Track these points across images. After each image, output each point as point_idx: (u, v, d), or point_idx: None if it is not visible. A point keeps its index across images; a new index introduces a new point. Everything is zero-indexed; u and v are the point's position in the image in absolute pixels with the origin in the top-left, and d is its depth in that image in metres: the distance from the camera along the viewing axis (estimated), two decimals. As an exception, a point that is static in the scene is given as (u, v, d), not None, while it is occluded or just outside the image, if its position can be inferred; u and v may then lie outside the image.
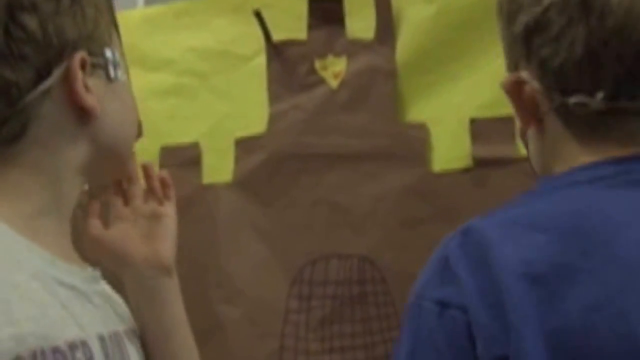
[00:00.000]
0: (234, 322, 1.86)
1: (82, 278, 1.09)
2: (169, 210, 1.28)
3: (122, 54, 1.16)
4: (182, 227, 1.28)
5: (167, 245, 1.24)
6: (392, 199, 1.81)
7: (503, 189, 1.76)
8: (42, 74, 1.05)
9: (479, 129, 1.78)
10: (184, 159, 1.94)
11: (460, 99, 1.80)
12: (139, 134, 1.21)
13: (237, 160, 1.91)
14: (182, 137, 1.94)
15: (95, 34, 1.10)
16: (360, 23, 1.87)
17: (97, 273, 1.12)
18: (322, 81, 1.89)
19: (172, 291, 1.23)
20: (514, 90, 1.13)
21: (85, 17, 1.08)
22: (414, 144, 1.81)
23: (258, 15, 1.88)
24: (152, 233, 1.23)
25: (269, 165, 1.88)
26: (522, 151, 1.76)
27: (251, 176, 1.89)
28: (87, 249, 1.18)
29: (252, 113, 1.92)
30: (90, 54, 1.09)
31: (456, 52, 1.80)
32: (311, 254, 1.84)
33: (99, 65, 1.10)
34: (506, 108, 1.78)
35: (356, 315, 1.80)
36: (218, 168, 1.93)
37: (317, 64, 1.89)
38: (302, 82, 1.89)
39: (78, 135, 1.09)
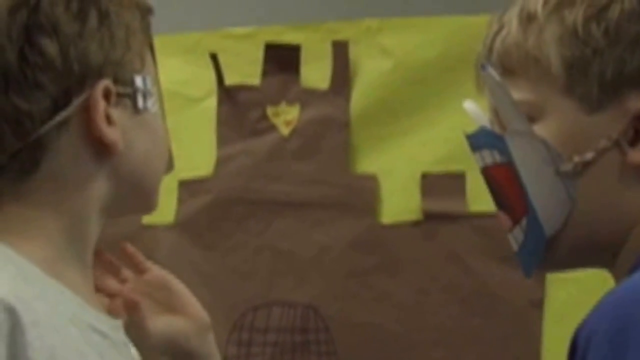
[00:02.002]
0: (168, 366, 1.89)
1: (110, 326, 1.04)
2: (166, 273, 1.20)
3: (157, 79, 1.09)
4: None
5: (197, 305, 1.19)
6: (339, 249, 1.89)
7: (451, 244, 1.86)
8: (59, 104, 0.98)
9: (430, 183, 1.88)
10: (125, 196, 1.98)
11: (413, 153, 1.91)
12: (170, 167, 1.16)
13: (180, 201, 1.96)
14: (124, 174, 1.98)
15: (125, 59, 1.02)
16: (315, 72, 1.97)
17: (120, 322, 1.07)
18: (273, 128, 1.97)
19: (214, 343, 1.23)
20: None
21: (113, 41, 1.01)
22: (364, 194, 1.90)
23: (214, 57, 1.95)
24: (174, 302, 1.17)
25: (214, 208, 1.94)
26: (472, 207, 1.88)
27: (194, 219, 1.95)
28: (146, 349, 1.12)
29: (199, 155, 1.98)
30: (117, 82, 1.01)
31: (411, 106, 1.91)
32: (253, 300, 1.90)
33: (126, 95, 1.02)
34: (457, 164, 1.92)
35: (297, 364, 1.86)
36: (159, 208, 1.97)
37: (269, 111, 1.97)
38: (252, 127, 1.97)
39: (98, 170, 1.02)
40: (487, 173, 1.08)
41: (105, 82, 1.00)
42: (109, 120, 1.00)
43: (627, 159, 1.01)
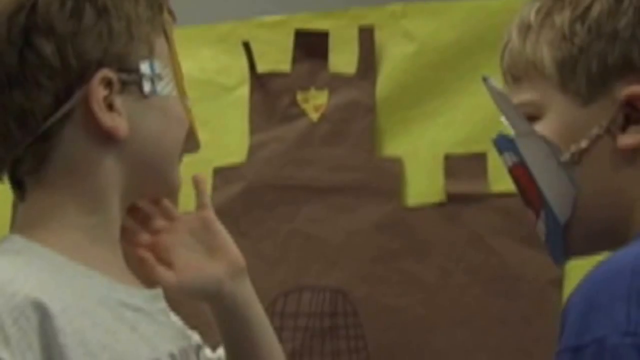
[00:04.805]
0: (204, 352, 2.05)
1: (144, 298, 1.14)
2: (209, 212, 1.30)
3: (175, 63, 1.17)
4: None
5: (234, 247, 1.27)
6: (366, 233, 2.02)
7: (474, 225, 1.98)
8: (61, 98, 1.08)
9: (453, 164, 2.00)
10: (162, 186, 2.14)
11: (436, 135, 2.03)
12: (194, 146, 1.26)
13: (215, 189, 2.11)
14: (160, 164, 2.14)
15: (127, 49, 1.11)
16: (343, 58, 2.10)
17: (159, 291, 1.17)
18: (303, 114, 2.10)
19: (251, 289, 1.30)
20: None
21: (112, 34, 1.09)
22: (389, 178, 2.03)
23: (246, 46, 2.09)
24: (211, 243, 1.26)
25: (248, 195, 2.09)
26: (494, 187, 1.98)
27: (229, 206, 2.10)
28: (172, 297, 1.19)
29: (233, 143, 2.13)
30: (121, 70, 1.10)
31: (433, 90, 2.03)
32: (284, 285, 2.04)
33: (132, 82, 1.11)
34: (479, 145, 2.03)
35: (326, 349, 2.00)
36: (195, 197, 2.12)
37: (299, 97, 2.11)
38: (283, 113, 2.11)
39: (106, 155, 1.11)
40: (511, 174, 1.25)
41: (104, 72, 1.09)
42: (110, 107, 1.10)
43: (618, 143, 1.14)
